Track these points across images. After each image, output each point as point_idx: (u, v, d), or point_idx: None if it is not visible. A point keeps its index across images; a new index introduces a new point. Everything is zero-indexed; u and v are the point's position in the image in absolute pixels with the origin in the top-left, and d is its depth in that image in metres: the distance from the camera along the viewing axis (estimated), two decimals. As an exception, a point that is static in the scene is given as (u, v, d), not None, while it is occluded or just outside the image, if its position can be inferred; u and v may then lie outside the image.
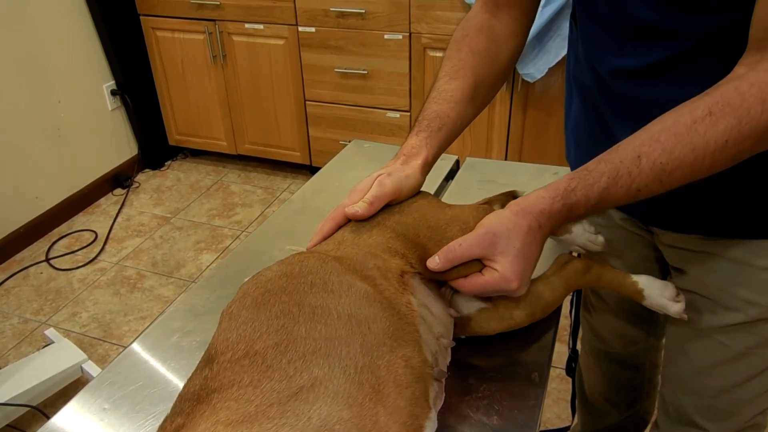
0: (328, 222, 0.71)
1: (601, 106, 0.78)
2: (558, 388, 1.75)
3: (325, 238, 0.70)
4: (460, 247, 0.64)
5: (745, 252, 0.74)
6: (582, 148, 0.90)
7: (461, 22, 0.85)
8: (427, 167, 0.76)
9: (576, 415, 1.28)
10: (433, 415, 0.56)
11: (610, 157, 0.61)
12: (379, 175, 0.71)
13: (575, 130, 0.90)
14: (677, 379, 0.90)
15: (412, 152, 0.75)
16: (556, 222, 0.65)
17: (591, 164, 0.63)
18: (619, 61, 0.71)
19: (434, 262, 0.65)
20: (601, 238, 0.80)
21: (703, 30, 0.62)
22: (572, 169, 0.95)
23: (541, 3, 1.99)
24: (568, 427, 1.44)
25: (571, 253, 0.94)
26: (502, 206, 0.72)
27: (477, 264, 0.66)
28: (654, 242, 0.91)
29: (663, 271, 0.94)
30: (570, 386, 1.28)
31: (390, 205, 0.72)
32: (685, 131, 0.57)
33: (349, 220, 0.71)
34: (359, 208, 0.68)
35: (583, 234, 0.79)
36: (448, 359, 0.67)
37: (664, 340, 1.16)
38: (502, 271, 0.63)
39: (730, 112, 0.55)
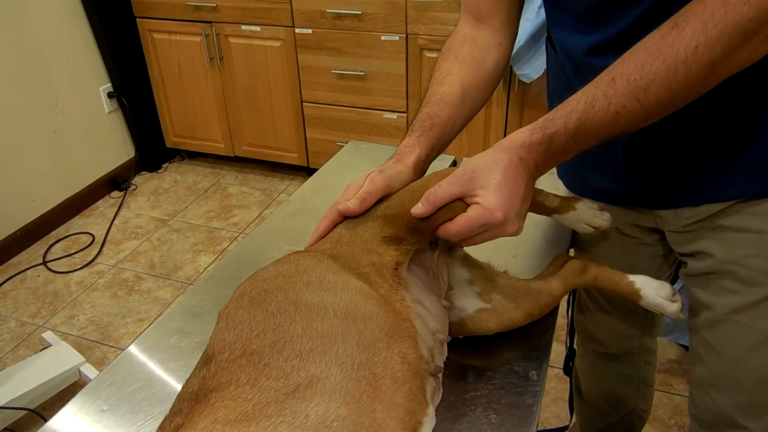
0: (323, 221, 0.72)
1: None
2: (556, 387, 1.75)
3: (322, 237, 0.71)
4: (439, 187, 0.64)
5: (759, 219, 0.73)
6: None
7: (447, 39, 0.88)
8: (420, 164, 0.76)
9: (574, 415, 1.28)
10: (431, 411, 0.56)
11: (587, 86, 0.62)
12: (371, 172, 0.72)
13: None
14: (709, 379, 0.85)
15: (405, 151, 0.76)
16: (539, 156, 0.64)
17: (571, 97, 0.63)
18: (595, 38, 0.72)
19: (417, 209, 0.65)
20: (607, 214, 0.79)
21: None
22: (566, 185, 0.96)
23: (538, 3, 2.00)
24: (566, 427, 1.44)
25: (568, 252, 0.94)
26: None
27: (461, 206, 0.64)
28: (660, 245, 0.91)
29: (669, 276, 0.93)
30: (568, 386, 1.28)
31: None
32: (654, 46, 0.57)
33: (344, 218, 0.71)
34: (351, 204, 0.69)
35: (587, 210, 0.79)
36: (445, 355, 0.68)
37: (658, 339, 1.16)
38: (484, 204, 0.62)
39: (694, 19, 0.55)
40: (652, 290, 0.78)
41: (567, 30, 0.77)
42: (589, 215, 0.79)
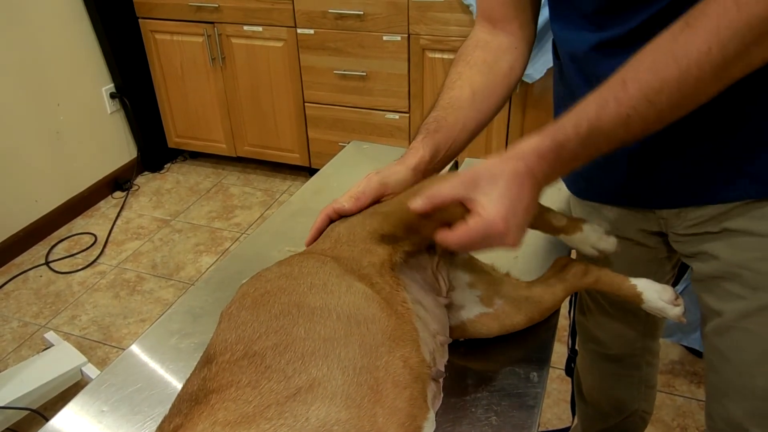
0: (320, 216, 0.73)
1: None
2: (558, 388, 1.75)
3: (319, 232, 0.72)
4: (441, 186, 0.62)
5: (766, 222, 0.72)
6: None
7: (458, 43, 0.87)
8: (422, 166, 0.76)
9: (576, 416, 1.28)
10: (431, 415, 0.56)
11: (597, 90, 0.60)
12: (370, 174, 0.73)
13: None
14: (722, 387, 0.84)
15: (408, 153, 0.77)
16: (548, 165, 0.61)
17: (581, 101, 0.61)
18: (602, 36, 0.71)
19: (415, 203, 0.62)
20: (612, 239, 0.79)
21: None
22: (569, 188, 0.96)
23: (542, 3, 1.99)
24: (568, 428, 1.44)
25: (569, 255, 0.94)
26: None
27: (460, 210, 0.61)
28: (662, 248, 0.90)
29: (671, 279, 0.93)
30: (570, 387, 1.28)
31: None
32: (666, 46, 0.56)
33: (341, 216, 0.72)
34: (345, 202, 0.71)
35: (593, 233, 0.79)
36: (446, 358, 0.67)
37: (660, 340, 1.16)
38: (485, 214, 0.59)
39: (706, 19, 0.54)
40: (654, 294, 0.78)
41: (572, 28, 0.76)
42: (594, 238, 0.79)
